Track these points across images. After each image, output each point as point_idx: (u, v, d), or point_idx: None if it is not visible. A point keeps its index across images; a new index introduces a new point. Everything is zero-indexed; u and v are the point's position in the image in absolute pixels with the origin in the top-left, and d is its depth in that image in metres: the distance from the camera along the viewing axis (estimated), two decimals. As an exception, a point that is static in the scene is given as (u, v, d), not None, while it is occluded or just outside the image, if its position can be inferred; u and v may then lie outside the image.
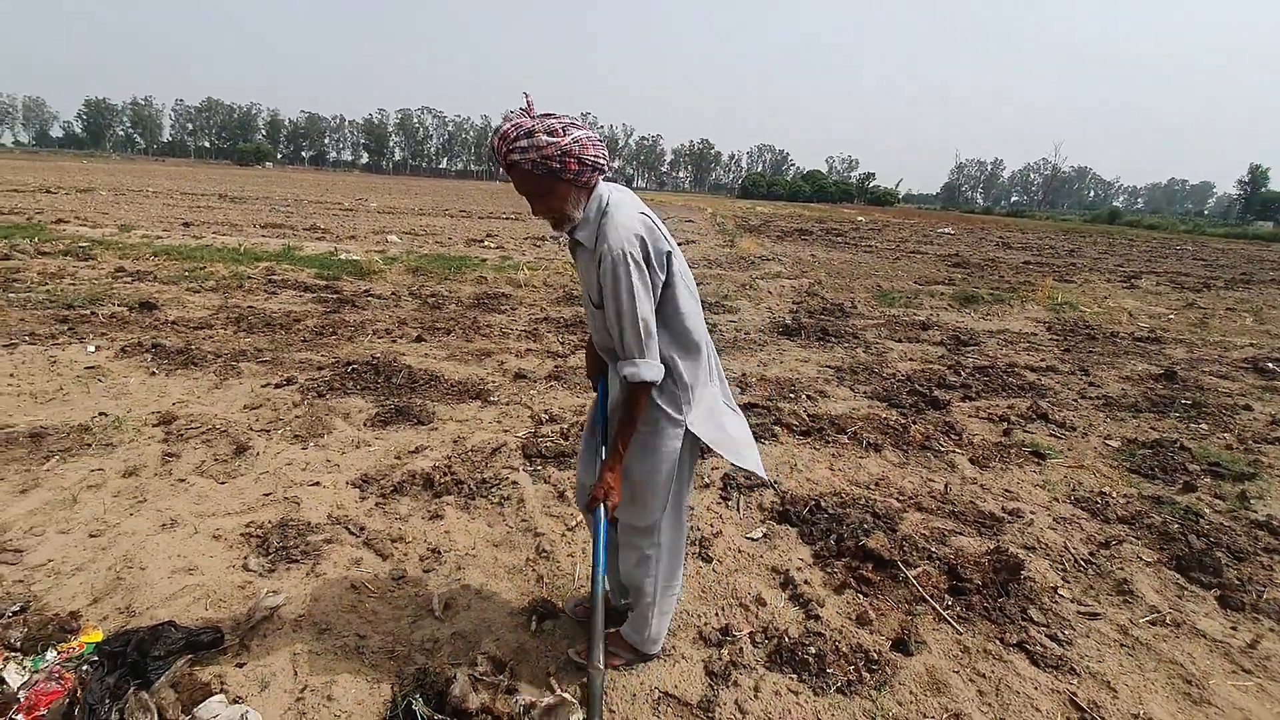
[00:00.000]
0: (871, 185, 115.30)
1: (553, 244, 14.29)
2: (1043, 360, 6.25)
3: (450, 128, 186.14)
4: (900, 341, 6.78)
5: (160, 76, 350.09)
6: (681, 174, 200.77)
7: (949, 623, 2.26)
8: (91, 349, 4.78)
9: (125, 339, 5.05)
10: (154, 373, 4.43)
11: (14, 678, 1.75)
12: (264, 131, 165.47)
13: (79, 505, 2.71)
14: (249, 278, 7.97)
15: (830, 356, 5.95)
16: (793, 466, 3.46)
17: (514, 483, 3.07)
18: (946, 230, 29.42)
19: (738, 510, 2.97)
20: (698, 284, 1.84)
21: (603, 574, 1.65)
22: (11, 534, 2.46)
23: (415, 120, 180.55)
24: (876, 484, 3.34)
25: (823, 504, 2.99)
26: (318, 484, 2.97)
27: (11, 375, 4.17)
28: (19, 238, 9.65)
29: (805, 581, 2.44)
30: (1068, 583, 2.58)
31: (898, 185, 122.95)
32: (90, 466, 3.04)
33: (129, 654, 1.71)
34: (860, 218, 38.63)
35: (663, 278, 1.58)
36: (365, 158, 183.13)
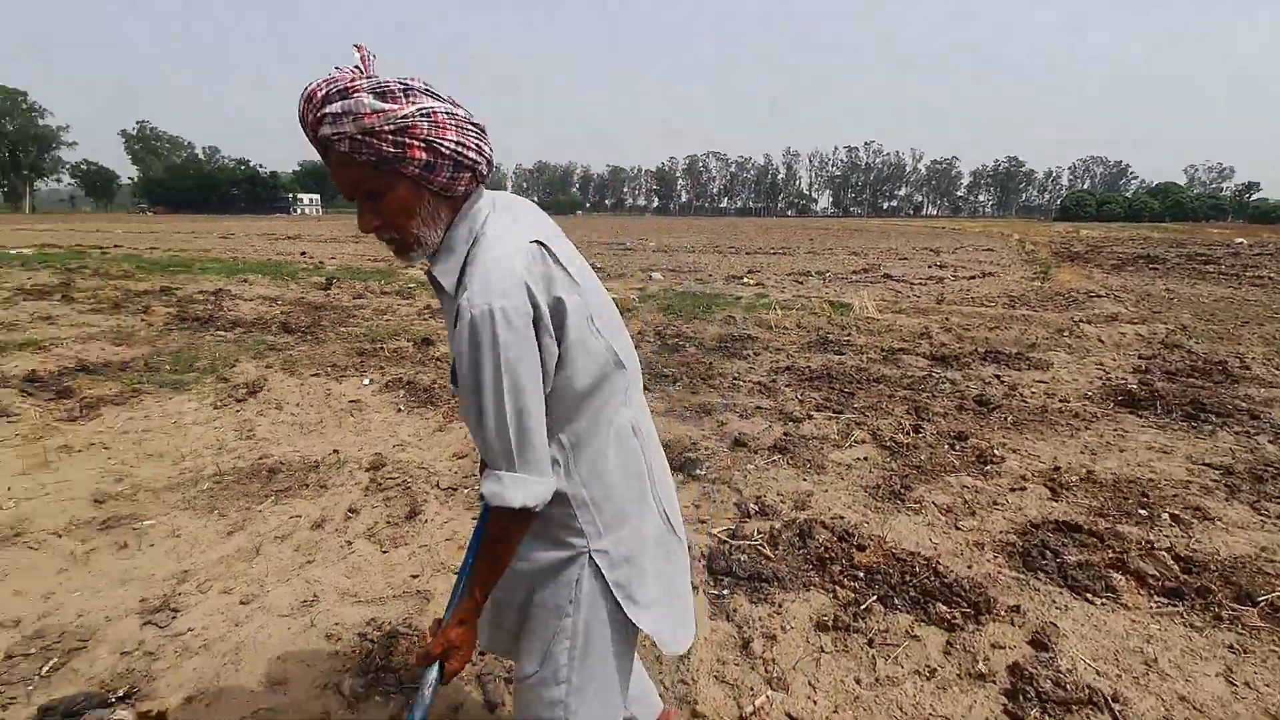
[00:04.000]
0: (1254, 199, 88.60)
1: (816, 280, 13.19)
2: None
3: (733, 169, 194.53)
4: (1346, 429, 4.33)
5: (510, 144, 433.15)
6: (982, 197, 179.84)
7: None
8: (366, 383, 5.28)
9: (393, 374, 5.51)
10: (400, 409, 4.66)
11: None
12: (577, 185, 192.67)
13: (259, 558, 2.67)
14: (517, 316, 8.55)
15: (1210, 446, 3.96)
16: (1147, 662, 2.06)
17: (685, 613, 2.28)
18: (1404, 252, 20.57)
19: (1036, 739, 1.75)
20: (992, 328, 0.99)
21: None
22: (186, 585, 2.47)
23: (700, 165, 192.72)
24: (1342, 734, 1.78)
25: (1220, 767, 1.61)
26: (467, 571, 2.56)
27: (297, 405, 4.72)
28: (373, 280, 11.95)
29: None
30: None
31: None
32: (292, 512, 3.08)
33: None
34: (1239, 239, 29.36)
35: (556, 350, 1.01)
36: (656, 202, 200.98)
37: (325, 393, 4.93)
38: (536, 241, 1.01)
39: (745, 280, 13.04)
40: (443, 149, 0.95)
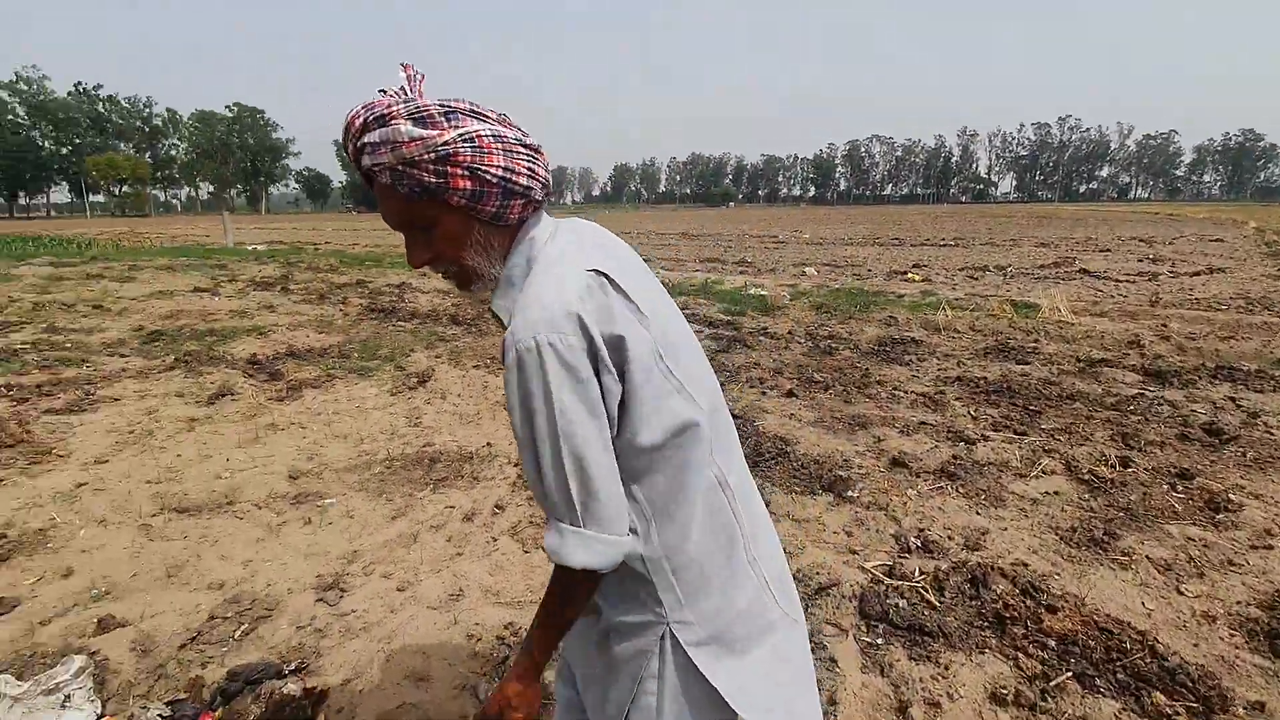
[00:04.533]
0: None
1: (995, 276, 11.86)
2: None
3: (899, 153, 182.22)
4: None
5: (665, 140, 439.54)
6: (1208, 177, 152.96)
7: None
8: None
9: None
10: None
11: (230, 766, 1.68)
12: (730, 176, 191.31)
13: (416, 545, 2.85)
14: (665, 312, 8.55)
15: None
16: None
17: (830, 659, 2.06)
18: None
19: None
20: (1225, 337, 1.11)
21: None
22: (355, 566, 2.68)
23: (862, 150, 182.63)
24: None
25: None
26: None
27: (459, 395, 5.04)
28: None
29: None
30: None
31: None
32: (448, 502, 3.26)
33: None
34: None
35: (619, 389, 0.87)
36: (812, 191, 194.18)
37: (483, 385, 5.22)
38: (594, 270, 0.88)
39: (909, 276, 12.06)
40: (489, 176, 0.86)
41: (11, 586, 2.51)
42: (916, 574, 2.50)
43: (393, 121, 0.82)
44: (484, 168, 0.85)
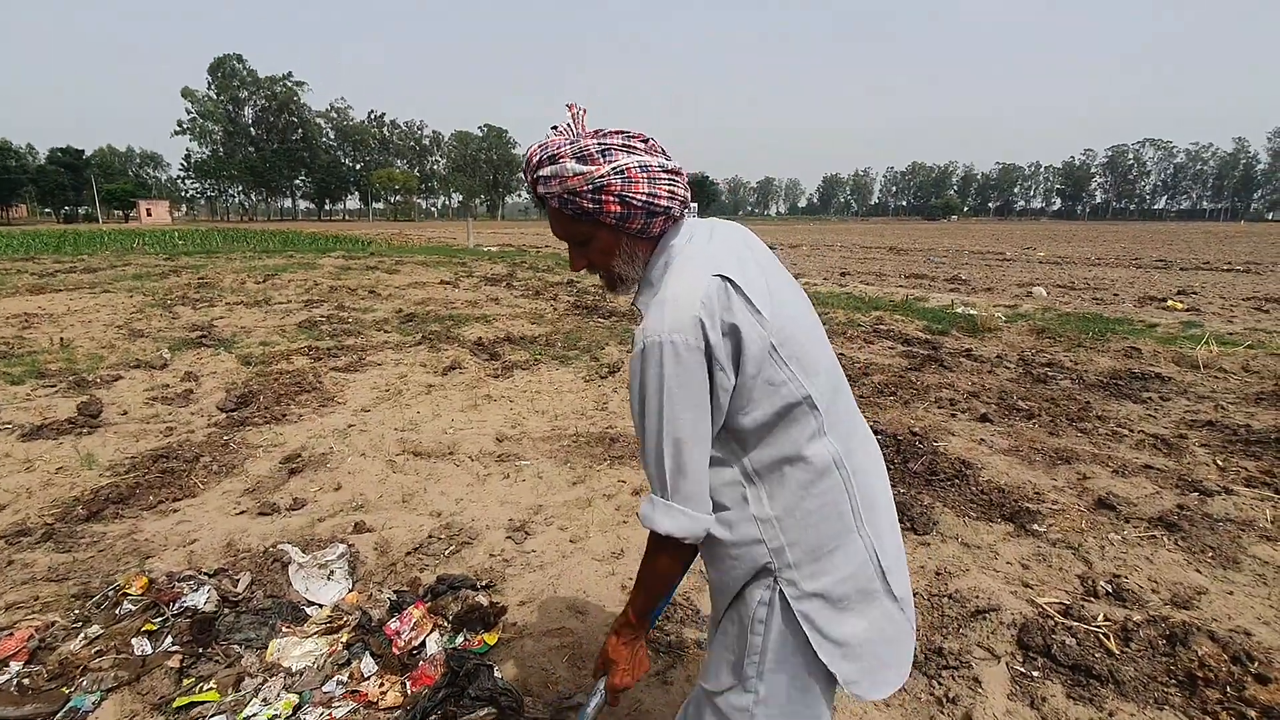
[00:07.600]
0: None
1: (1294, 309, 9.60)
2: None
3: (1179, 158, 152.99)
4: None
5: (880, 151, 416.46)
6: None
7: None
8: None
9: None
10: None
11: (432, 647, 2.12)
12: (955, 187, 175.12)
13: (590, 508, 3.21)
14: (858, 325, 8.28)
15: None
16: None
17: (974, 679, 1.98)
18: None
19: None
20: None
21: None
22: (539, 516, 3.11)
23: (1130, 156, 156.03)
24: None
25: None
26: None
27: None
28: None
29: None
30: None
31: None
32: (620, 477, 3.58)
33: (461, 678, 1.81)
34: None
35: (732, 379, 1.01)
36: (1057, 204, 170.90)
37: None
38: (719, 275, 1.01)
39: (1170, 304, 10.24)
40: (635, 202, 1.03)
41: (303, 490, 3.33)
42: (1100, 619, 2.26)
43: (561, 160, 1.03)
44: (631, 195, 1.03)
